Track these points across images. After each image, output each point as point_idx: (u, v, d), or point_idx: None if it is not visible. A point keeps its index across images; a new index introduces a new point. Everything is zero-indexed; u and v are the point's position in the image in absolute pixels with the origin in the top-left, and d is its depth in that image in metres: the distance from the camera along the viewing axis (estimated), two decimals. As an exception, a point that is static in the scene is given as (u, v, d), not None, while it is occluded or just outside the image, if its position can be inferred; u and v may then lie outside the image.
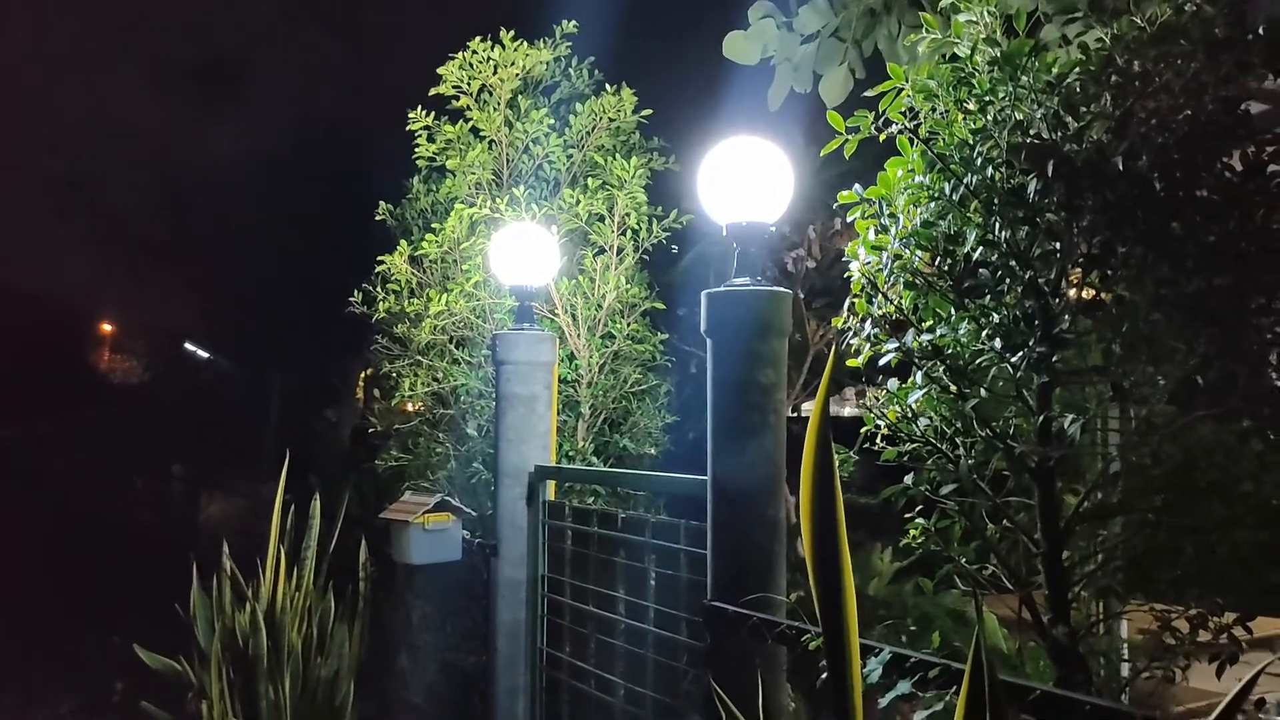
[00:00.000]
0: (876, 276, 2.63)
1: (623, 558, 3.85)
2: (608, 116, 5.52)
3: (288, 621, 5.28)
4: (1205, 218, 2.30)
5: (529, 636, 4.36)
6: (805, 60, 5.22)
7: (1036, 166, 2.38)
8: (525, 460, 4.38)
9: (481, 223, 5.21)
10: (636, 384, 5.39)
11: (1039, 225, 2.34)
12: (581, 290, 5.27)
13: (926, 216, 2.57)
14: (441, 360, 5.40)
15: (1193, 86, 2.35)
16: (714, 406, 3.16)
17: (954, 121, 2.59)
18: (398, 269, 5.42)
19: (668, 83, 6.59)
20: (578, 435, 5.23)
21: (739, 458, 3.10)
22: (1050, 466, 2.63)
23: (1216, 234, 2.28)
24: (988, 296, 2.40)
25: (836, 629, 1.63)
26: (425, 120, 5.46)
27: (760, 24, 5.19)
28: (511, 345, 4.38)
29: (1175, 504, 2.60)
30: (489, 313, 5.32)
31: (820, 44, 5.16)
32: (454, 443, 5.42)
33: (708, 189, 3.23)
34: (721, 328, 3.16)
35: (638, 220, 5.33)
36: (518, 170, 5.52)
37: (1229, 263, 2.25)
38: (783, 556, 3.16)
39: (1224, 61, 2.32)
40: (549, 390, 4.46)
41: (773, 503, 3.11)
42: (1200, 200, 2.33)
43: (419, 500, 4.61)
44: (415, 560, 4.53)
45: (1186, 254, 2.29)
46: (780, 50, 5.20)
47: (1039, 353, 2.33)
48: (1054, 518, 2.66)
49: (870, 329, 2.61)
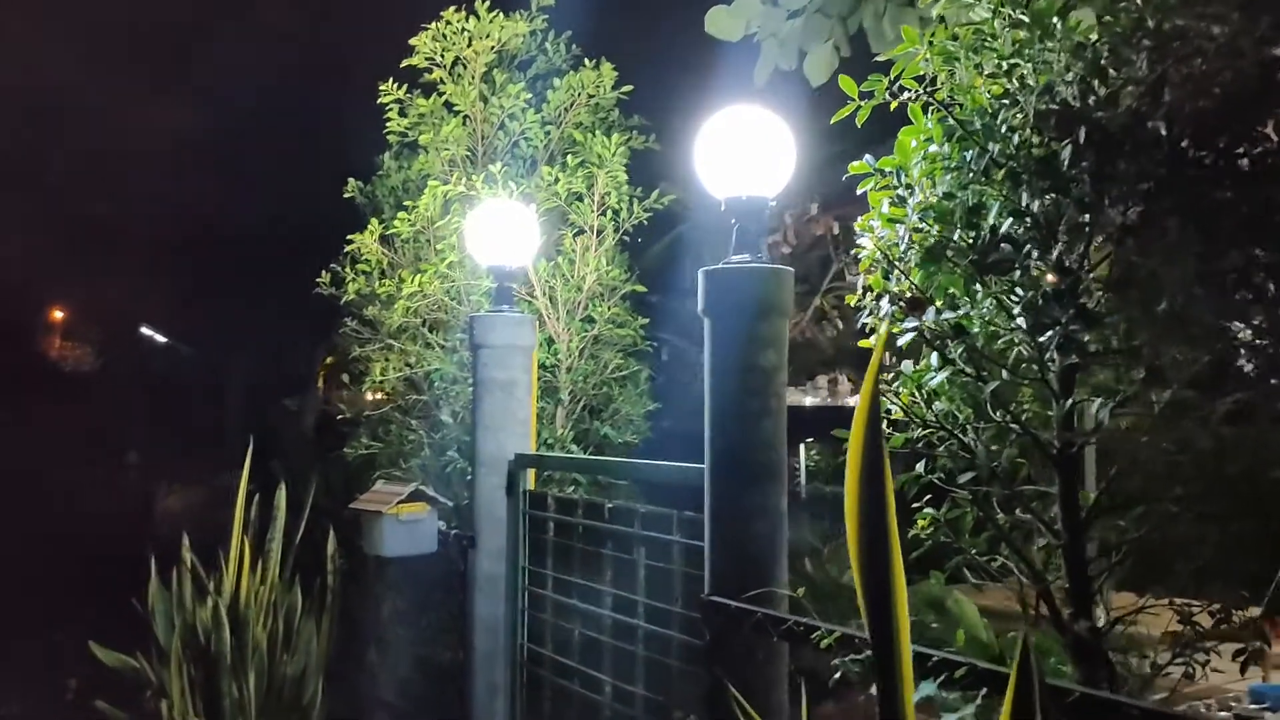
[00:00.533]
0: (892, 251, 2.47)
1: (610, 550, 3.68)
2: (587, 92, 5.32)
3: (252, 616, 5.07)
4: (1244, 188, 2.18)
5: (509, 632, 4.18)
6: (790, 36, 5.07)
7: (1066, 134, 2.24)
8: (504, 448, 4.19)
9: (456, 201, 5.00)
10: (618, 369, 5.22)
11: (1070, 196, 2.19)
12: (561, 272, 5.08)
13: (946, 188, 2.42)
14: (414, 344, 5.19)
15: (1227, 50, 2.21)
16: (712, 391, 3.00)
17: (974, 87, 2.44)
18: (368, 249, 5.19)
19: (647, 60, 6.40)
20: (557, 422, 5.05)
21: (739, 444, 2.94)
22: (1073, 454, 2.50)
23: (1257, 205, 2.16)
24: (1017, 272, 2.25)
25: (887, 638, 1.48)
26: (397, 93, 5.24)
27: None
28: (489, 328, 4.19)
29: (1203, 493, 2.48)
30: (464, 294, 5.12)
31: (805, 19, 5.01)
32: (427, 430, 5.22)
33: (705, 161, 3.06)
34: (720, 308, 2.99)
35: (618, 200, 5.15)
36: (493, 147, 5.32)
37: (1271, 236, 2.13)
38: (784, 548, 3.01)
39: (1261, 23, 2.19)
40: (529, 375, 4.27)
41: (775, 491, 2.96)
42: (1239, 170, 2.20)
43: (392, 490, 4.42)
44: (388, 553, 4.33)
45: (1225, 227, 2.17)
46: (765, 25, 5.04)
47: (1072, 331, 2.18)
48: (1075, 508, 2.53)
49: (888, 306, 2.45)
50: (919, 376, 2.62)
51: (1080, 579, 2.58)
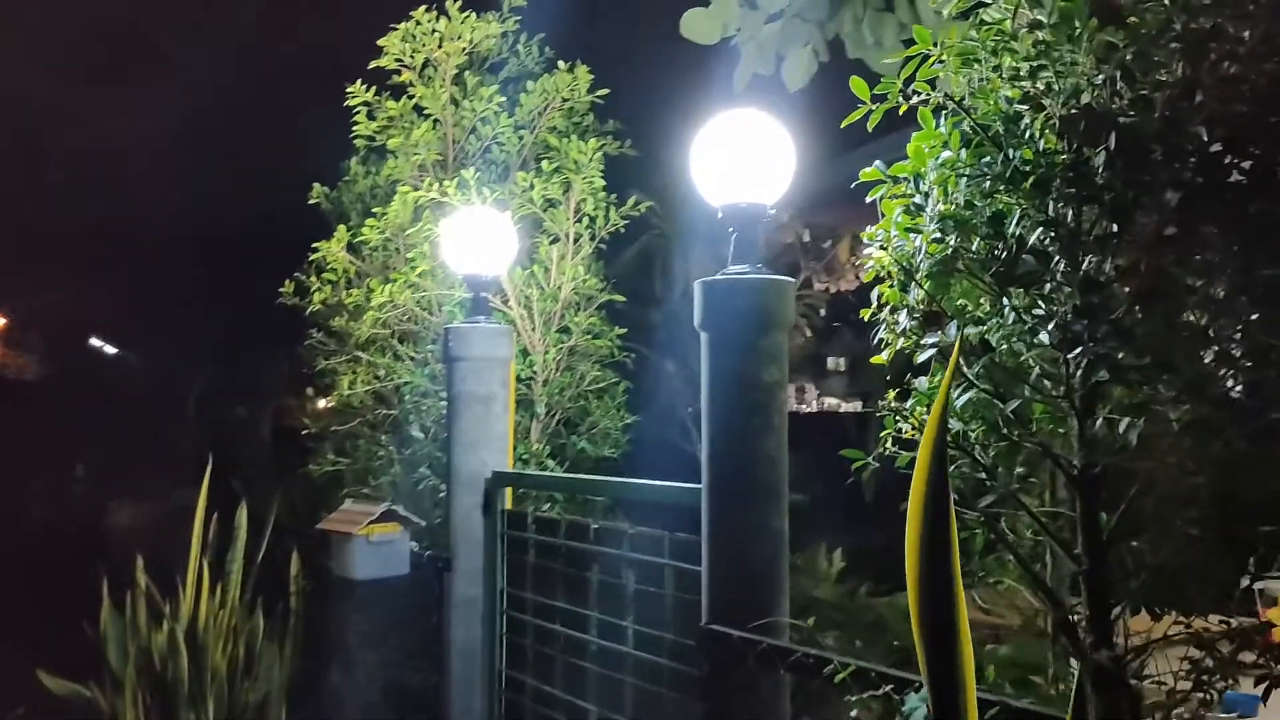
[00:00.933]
0: (910, 262, 2.34)
1: (596, 573, 3.52)
2: (561, 96, 5.16)
3: (211, 642, 4.84)
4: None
5: (486, 658, 4.00)
6: (768, 40, 4.97)
7: (1094, 140, 2.12)
8: (482, 465, 4.02)
9: (427, 207, 4.81)
10: (594, 382, 5.05)
11: (1103, 204, 2.07)
12: (536, 281, 4.91)
13: (965, 196, 2.29)
14: (383, 356, 4.98)
15: (1262, 50, 2.11)
16: (711, 407, 2.86)
17: (994, 89, 2.32)
18: (335, 257, 4.98)
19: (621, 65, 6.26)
20: (532, 437, 4.87)
21: (741, 463, 2.80)
22: (1095, 474, 2.39)
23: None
24: (1046, 285, 2.12)
25: (951, 685, 1.34)
26: (365, 95, 5.04)
27: (721, 1, 4.92)
28: (466, 340, 4.02)
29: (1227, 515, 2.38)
30: (436, 305, 4.92)
31: (784, 23, 4.91)
32: (397, 446, 5.01)
33: (701, 167, 2.92)
34: (719, 320, 2.85)
35: (594, 206, 5.00)
36: (465, 152, 5.13)
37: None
38: (786, 573, 2.87)
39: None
40: (506, 389, 4.11)
41: (777, 512, 2.83)
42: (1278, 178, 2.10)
43: (362, 509, 4.22)
44: (359, 575, 4.14)
45: (1263, 237, 2.06)
46: (744, 29, 4.94)
47: (1109, 347, 2.06)
48: (1097, 531, 2.42)
49: (907, 321, 2.32)
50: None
51: (1101, 605, 2.46)
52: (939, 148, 2.42)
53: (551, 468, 4.76)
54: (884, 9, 4.87)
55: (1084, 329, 2.17)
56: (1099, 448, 2.38)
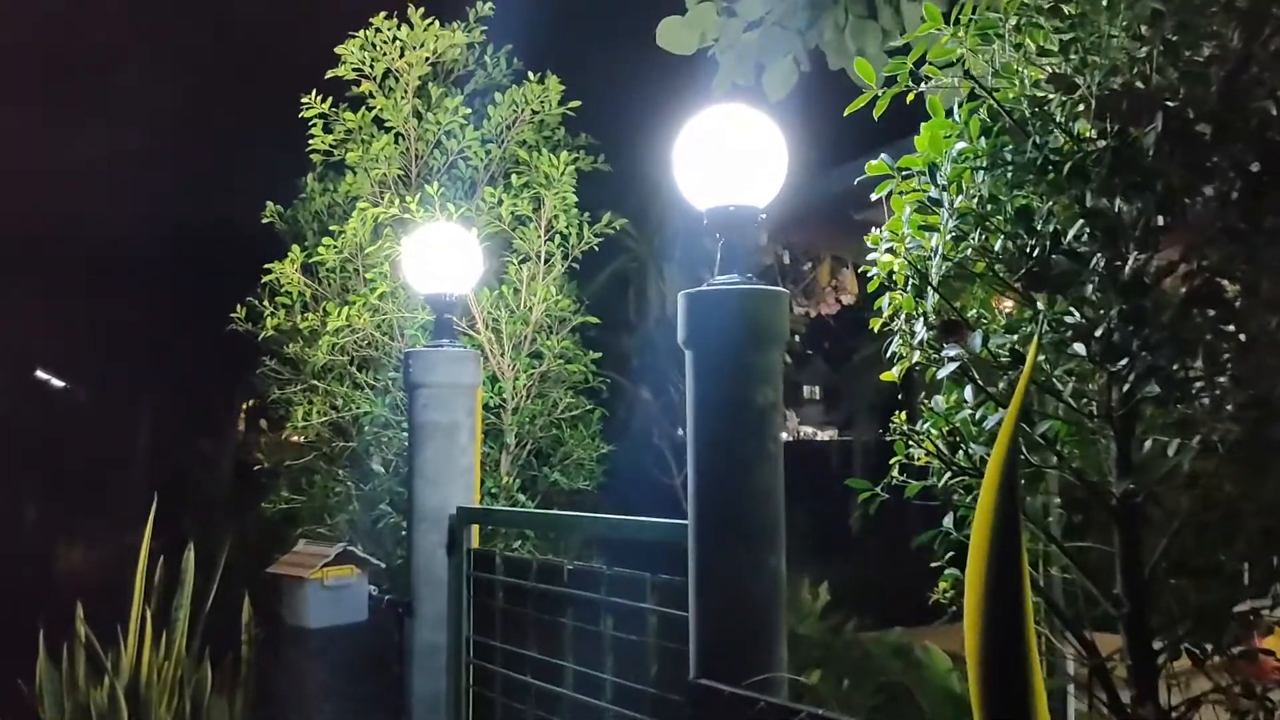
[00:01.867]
0: (925, 265, 2.06)
1: (571, 619, 3.19)
2: (531, 108, 4.88)
3: (154, 698, 4.46)
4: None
5: (451, 713, 3.65)
6: (747, 49, 4.74)
7: (1137, 121, 1.86)
8: (446, 501, 3.68)
9: (388, 225, 4.51)
10: (568, 409, 4.74)
11: (1152, 193, 1.80)
12: (505, 302, 4.60)
13: (989, 189, 2.02)
14: (341, 385, 4.65)
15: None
16: (697, 433, 2.55)
17: (1017, 70, 2.06)
18: (288, 278, 4.65)
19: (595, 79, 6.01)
20: (501, 469, 4.55)
21: (732, 496, 2.50)
22: (1137, 504, 2.11)
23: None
24: (1088, 287, 1.85)
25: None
26: (321, 107, 4.74)
27: (699, 9, 4.69)
28: (429, 365, 3.70)
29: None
30: (397, 329, 4.60)
31: (763, 31, 4.68)
32: (356, 480, 4.68)
33: (685, 167, 2.63)
34: (705, 336, 2.55)
35: (567, 224, 4.71)
36: (429, 167, 4.84)
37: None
38: (784, 619, 2.56)
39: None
40: (472, 418, 3.78)
41: (773, 551, 2.51)
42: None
43: (316, 551, 3.88)
44: (313, 623, 3.79)
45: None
46: (722, 37, 4.71)
47: (1160, 357, 1.78)
48: (1139, 569, 2.13)
49: (923, 332, 2.03)
50: (950, 414, 2.21)
51: (1143, 654, 2.18)
52: (954, 137, 2.15)
53: (522, 502, 4.44)
54: (867, 16, 4.65)
55: (1129, 337, 1.89)
56: (1143, 474, 2.10)
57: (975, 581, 1.09)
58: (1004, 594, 1.09)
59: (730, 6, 4.67)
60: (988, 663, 1.08)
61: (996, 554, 1.06)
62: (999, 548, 1.06)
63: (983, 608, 1.11)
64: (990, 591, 1.08)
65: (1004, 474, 1.08)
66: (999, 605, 1.08)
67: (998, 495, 1.05)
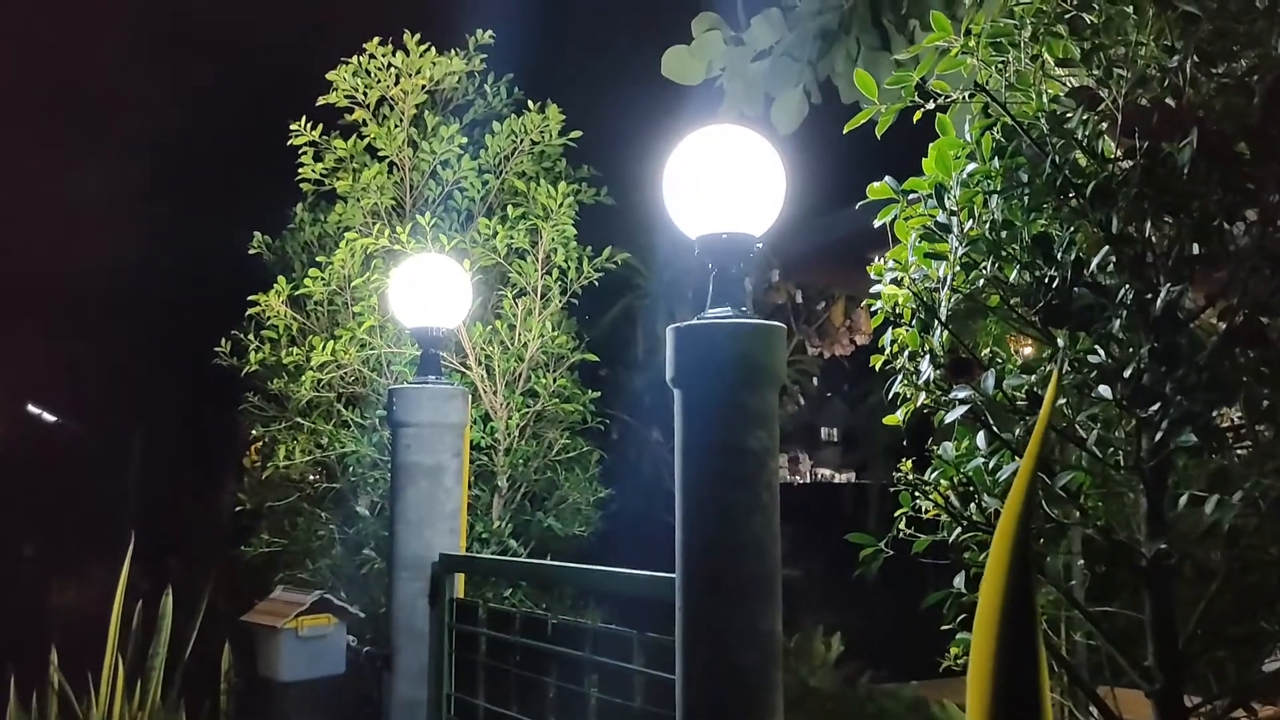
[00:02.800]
0: (932, 297, 1.86)
1: (555, 676, 2.97)
2: (530, 138, 4.73)
3: (125, 751, 4.25)
4: None
5: (430, 774, 3.42)
6: (755, 80, 4.59)
7: (1169, 137, 1.66)
8: (428, 547, 3.48)
9: (379, 256, 4.34)
10: (564, 450, 4.53)
11: (1187, 216, 1.60)
12: (499, 338, 4.41)
13: (1002, 214, 1.82)
14: (326, 423, 4.46)
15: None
16: (685, 480, 2.34)
17: (1033, 83, 1.87)
18: (274, 311, 4.48)
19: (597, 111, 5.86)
20: (493, 513, 4.34)
21: (722, 549, 2.29)
22: (1170, 566, 1.88)
23: None
24: (1115, 323, 1.64)
25: None
26: (311, 135, 4.59)
27: (705, 37, 4.54)
28: (413, 403, 3.51)
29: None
30: (385, 365, 4.42)
31: (772, 62, 4.53)
32: (340, 523, 4.47)
33: (675, 192, 2.45)
34: (695, 375, 2.35)
35: (565, 258, 4.53)
36: (423, 197, 4.69)
37: None
38: (779, 685, 2.33)
39: None
40: (459, 459, 3.59)
41: (767, 610, 2.30)
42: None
43: (292, 598, 3.67)
44: (286, 676, 3.58)
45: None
46: (730, 67, 4.56)
47: (1196, 402, 1.57)
48: (1173, 640, 1.90)
49: (930, 370, 1.83)
50: (961, 462, 2.00)
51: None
52: (965, 158, 1.96)
53: (514, 548, 4.23)
54: (880, 48, 4.48)
55: (1161, 379, 1.68)
56: (1177, 533, 1.88)
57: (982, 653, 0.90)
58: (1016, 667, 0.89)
59: (738, 36, 4.53)
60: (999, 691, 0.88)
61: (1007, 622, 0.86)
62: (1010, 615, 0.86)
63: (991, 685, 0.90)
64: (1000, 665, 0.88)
65: (1017, 531, 0.88)
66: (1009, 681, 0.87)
67: (1009, 556, 0.85)
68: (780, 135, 4.41)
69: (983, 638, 0.96)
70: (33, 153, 7.22)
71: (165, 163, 7.38)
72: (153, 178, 7.29)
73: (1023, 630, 0.89)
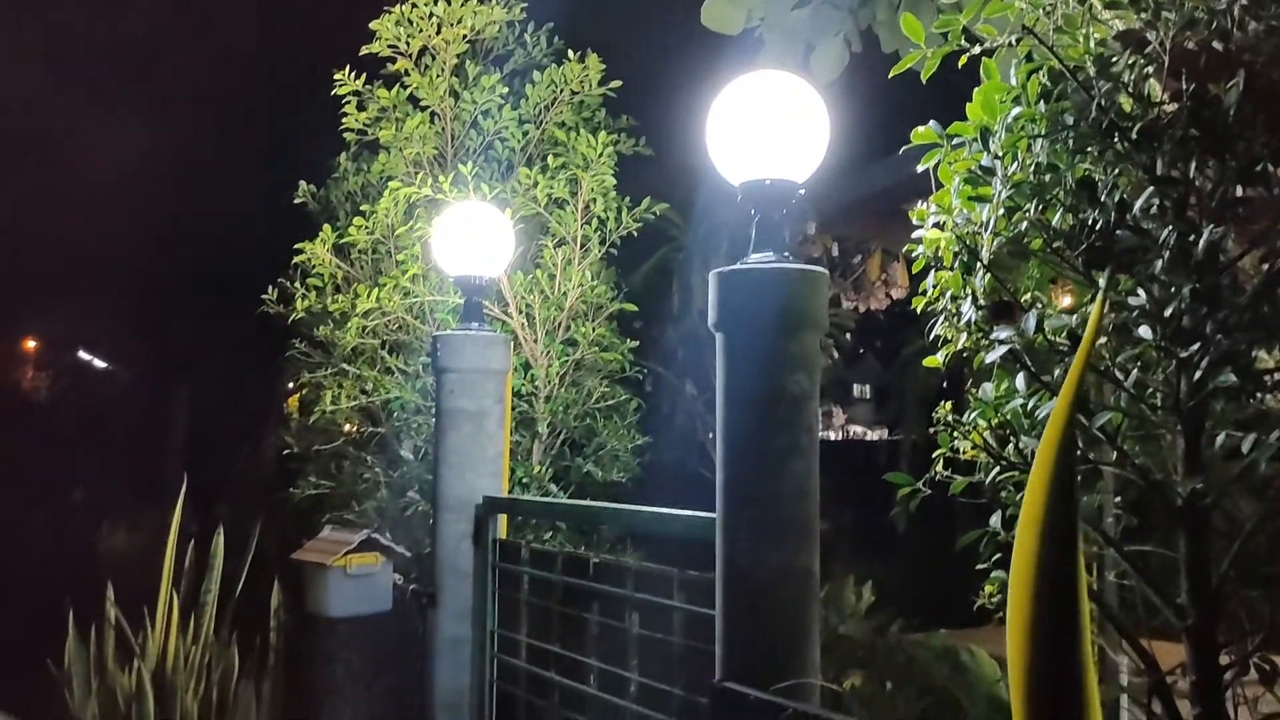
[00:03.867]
0: (975, 240, 1.88)
1: (596, 613, 3.06)
2: (570, 88, 4.75)
3: (181, 683, 4.41)
4: None
5: (474, 708, 3.54)
6: (795, 28, 4.56)
7: (1215, 80, 1.67)
8: (471, 490, 3.57)
9: (421, 205, 4.40)
10: (603, 398, 4.60)
11: (1233, 158, 1.62)
12: (539, 287, 4.47)
13: (1047, 157, 1.84)
14: (371, 369, 4.55)
15: None
16: (727, 423, 2.40)
17: (1081, 26, 1.87)
18: (319, 259, 4.57)
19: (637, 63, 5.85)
20: (533, 458, 4.42)
21: (761, 491, 2.34)
22: (1205, 506, 1.92)
23: None
24: (1157, 264, 1.66)
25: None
26: (354, 84, 4.64)
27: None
28: (456, 349, 3.58)
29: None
30: (428, 312, 4.49)
31: (813, 10, 4.50)
32: (385, 467, 4.58)
33: (718, 139, 2.47)
34: (737, 320, 2.39)
35: (605, 207, 4.56)
36: (464, 147, 4.72)
37: None
38: (816, 622, 2.40)
39: None
40: (501, 404, 3.66)
41: (805, 549, 2.36)
42: None
43: (340, 538, 3.78)
44: (334, 612, 3.69)
45: None
46: (769, 16, 4.53)
47: (1236, 341, 1.60)
48: (1206, 577, 1.94)
49: (971, 313, 1.86)
50: (1000, 404, 2.03)
51: (1209, 669, 1.99)
52: (1010, 102, 1.97)
53: (554, 492, 4.31)
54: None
55: (1201, 320, 1.71)
56: (1212, 473, 1.91)
57: (1021, 586, 0.94)
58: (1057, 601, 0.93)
59: (778, -16, 4.50)
60: (1035, 679, 0.92)
61: (1049, 556, 0.90)
62: (1052, 548, 0.90)
63: (1030, 616, 0.95)
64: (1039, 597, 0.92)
65: (1056, 466, 0.92)
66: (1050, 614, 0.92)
67: (1048, 491, 0.89)
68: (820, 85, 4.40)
69: (1021, 568, 0.99)
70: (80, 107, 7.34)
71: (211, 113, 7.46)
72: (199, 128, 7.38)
73: (1064, 560, 0.93)
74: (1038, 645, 0.90)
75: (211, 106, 7.41)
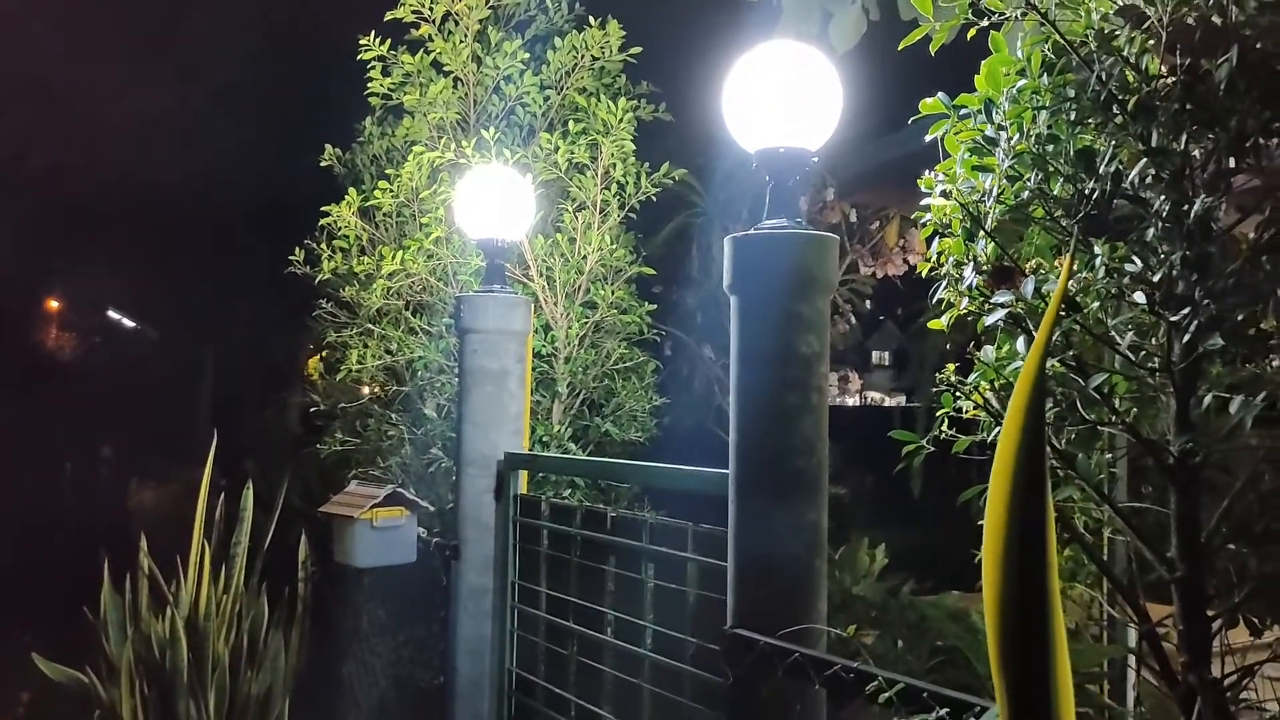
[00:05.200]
0: (978, 208, 1.97)
1: (613, 565, 3.18)
2: (591, 54, 4.80)
3: (213, 629, 4.58)
4: None
5: (496, 655, 3.69)
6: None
7: (1213, 53, 1.74)
8: (493, 446, 3.69)
9: (444, 169, 4.49)
10: (621, 360, 4.70)
11: (1224, 131, 1.69)
12: (560, 250, 4.56)
13: (1048, 129, 1.91)
14: (395, 329, 4.67)
15: None
16: (740, 383, 2.50)
17: (1083, 0, 1.94)
18: (345, 222, 4.67)
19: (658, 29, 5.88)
20: (553, 418, 4.54)
21: (772, 448, 2.45)
22: (1195, 464, 2.00)
23: None
24: (1150, 232, 1.74)
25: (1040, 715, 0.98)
26: (379, 49, 4.72)
27: (764, -47, 4.55)
28: (478, 310, 3.69)
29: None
30: (451, 274, 4.60)
31: (832, -24, 4.54)
32: (409, 425, 4.70)
33: (733, 106, 2.56)
34: (751, 283, 2.49)
35: (624, 173, 4.64)
36: (486, 112, 4.80)
37: None
38: (824, 573, 2.51)
39: None
40: (522, 364, 3.78)
41: (813, 504, 2.47)
42: None
43: (367, 492, 3.91)
44: (361, 563, 3.83)
45: None
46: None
47: (1225, 305, 1.68)
48: (1196, 533, 2.03)
49: (972, 277, 1.95)
50: (1001, 365, 2.12)
51: (1197, 620, 2.08)
52: (1015, 74, 2.05)
53: (573, 450, 4.43)
54: (943, -44, 4.45)
55: (1192, 285, 1.79)
56: (1203, 433, 2.00)
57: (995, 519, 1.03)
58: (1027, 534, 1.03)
59: (797, -50, 4.53)
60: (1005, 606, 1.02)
61: (1019, 495, 0.99)
62: (1022, 487, 0.99)
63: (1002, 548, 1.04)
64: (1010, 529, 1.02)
65: (1029, 407, 1.01)
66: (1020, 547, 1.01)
67: (1021, 433, 0.98)
68: (837, 53, 4.44)
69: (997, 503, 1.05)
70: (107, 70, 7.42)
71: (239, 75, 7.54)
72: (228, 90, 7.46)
73: (1033, 492, 1.01)
74: (1007, 575, 1.00)
75: (240, 68, 7.48)
